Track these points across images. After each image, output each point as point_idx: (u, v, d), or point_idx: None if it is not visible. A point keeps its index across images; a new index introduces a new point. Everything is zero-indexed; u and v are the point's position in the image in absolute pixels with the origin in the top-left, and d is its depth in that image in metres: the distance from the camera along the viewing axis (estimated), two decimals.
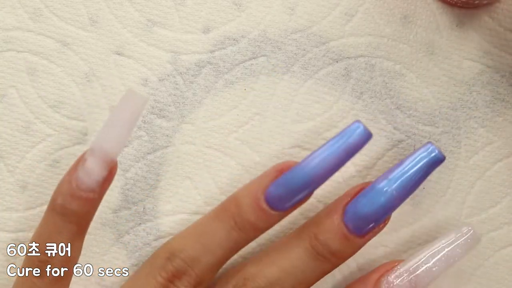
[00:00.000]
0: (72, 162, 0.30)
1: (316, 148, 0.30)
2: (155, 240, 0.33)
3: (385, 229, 0.32)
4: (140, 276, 0.31)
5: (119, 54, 0.33)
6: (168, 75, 0.33)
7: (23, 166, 0.33)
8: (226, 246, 0.30)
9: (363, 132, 0.30)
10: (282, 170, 0.30)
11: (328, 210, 0.31)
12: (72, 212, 0.29)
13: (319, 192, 0.33)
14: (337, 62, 0.33)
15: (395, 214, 0.32)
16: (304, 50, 0.33)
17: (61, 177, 0.30)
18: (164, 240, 0.33)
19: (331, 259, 0.30)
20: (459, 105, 0.34)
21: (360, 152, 0.33)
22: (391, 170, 0.30)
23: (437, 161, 0.30)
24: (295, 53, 0.33)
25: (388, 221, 0.31)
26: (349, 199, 0.30)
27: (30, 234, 0.32)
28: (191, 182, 0.33)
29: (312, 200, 0.33)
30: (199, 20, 0.33)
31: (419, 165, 0.30)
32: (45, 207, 0.30)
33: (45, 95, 0.33)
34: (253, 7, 0.33)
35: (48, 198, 0.30)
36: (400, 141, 0.34)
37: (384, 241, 0.34)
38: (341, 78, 0.33)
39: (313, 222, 0.31)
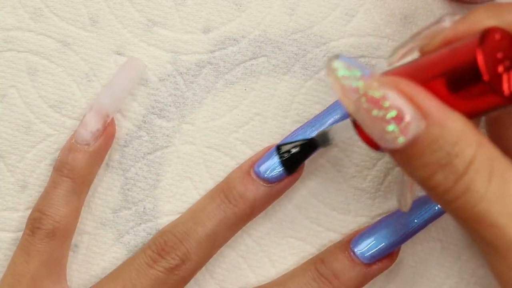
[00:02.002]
0: None
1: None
2: None
3: None
4: (134, 255, 0.32)
5: (119, 54, 0.33)
6: (169, 75, 0.33)
7: (23, 166, 0.33)
8: (215, 217, 0.31)
9: None
10: (269, 149, 0.32)
11: (333, 246, 0.33)
12: (67, 165, 0.31)
13: (319, 192, 0.33)
14: None
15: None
16: (305, 50, 0.33)
17: None
18: None
19: (333, 282, 0.31)
20: None
21: (360, 153, 0.33)
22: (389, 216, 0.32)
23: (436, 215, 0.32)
24: (295, 53, 0.33)
25: (396, 257, 0.32)
26: (353, 236, 0.32)
27: None
28: (191, 182, 0.33)
29: (312, 199, 0.33)
30: (200, 20, 0.33)
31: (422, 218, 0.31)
32: None
33: (46, 95, 0.33)
34: (253, 7, 0.33)
35: None
36: None
37: None
38: None
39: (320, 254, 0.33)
